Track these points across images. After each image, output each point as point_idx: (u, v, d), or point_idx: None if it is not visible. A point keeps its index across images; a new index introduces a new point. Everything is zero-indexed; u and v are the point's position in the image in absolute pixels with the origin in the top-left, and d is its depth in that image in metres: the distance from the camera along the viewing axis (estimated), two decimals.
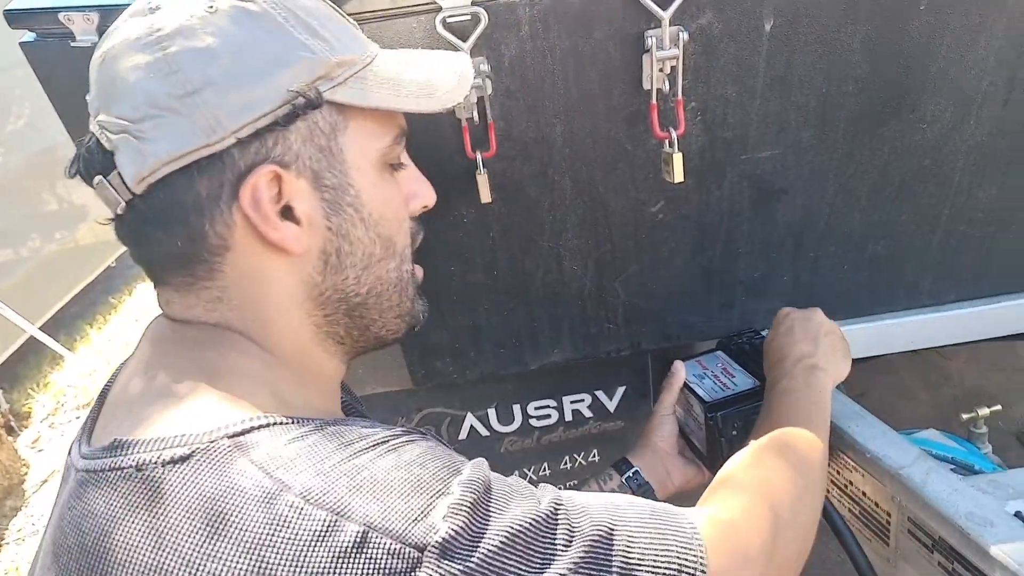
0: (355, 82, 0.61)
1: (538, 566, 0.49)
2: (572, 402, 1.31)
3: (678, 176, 0.93)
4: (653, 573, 0.53)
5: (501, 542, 0.48)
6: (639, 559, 0.53)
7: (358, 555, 0.45)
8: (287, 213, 0.59)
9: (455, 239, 1.04)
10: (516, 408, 1.31)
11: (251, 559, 0.45)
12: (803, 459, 0.76)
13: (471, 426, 1.31)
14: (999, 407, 1.10)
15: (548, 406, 1.31)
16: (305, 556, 0.45)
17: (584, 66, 0.91)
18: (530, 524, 0.50)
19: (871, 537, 0.95)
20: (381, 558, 0.45)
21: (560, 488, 0.57)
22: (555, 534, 0.51)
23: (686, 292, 1.13)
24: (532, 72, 0.90)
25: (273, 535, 0.45)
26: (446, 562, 0.46)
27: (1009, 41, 0.95)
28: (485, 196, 0.95)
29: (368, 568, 0.45)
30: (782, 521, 0.67)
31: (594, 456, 1.37)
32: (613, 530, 0.54)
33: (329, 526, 0.46)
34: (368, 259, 0.64)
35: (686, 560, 0.55)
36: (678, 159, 0.92)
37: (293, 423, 0.52)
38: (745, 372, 1.08)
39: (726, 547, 0.59)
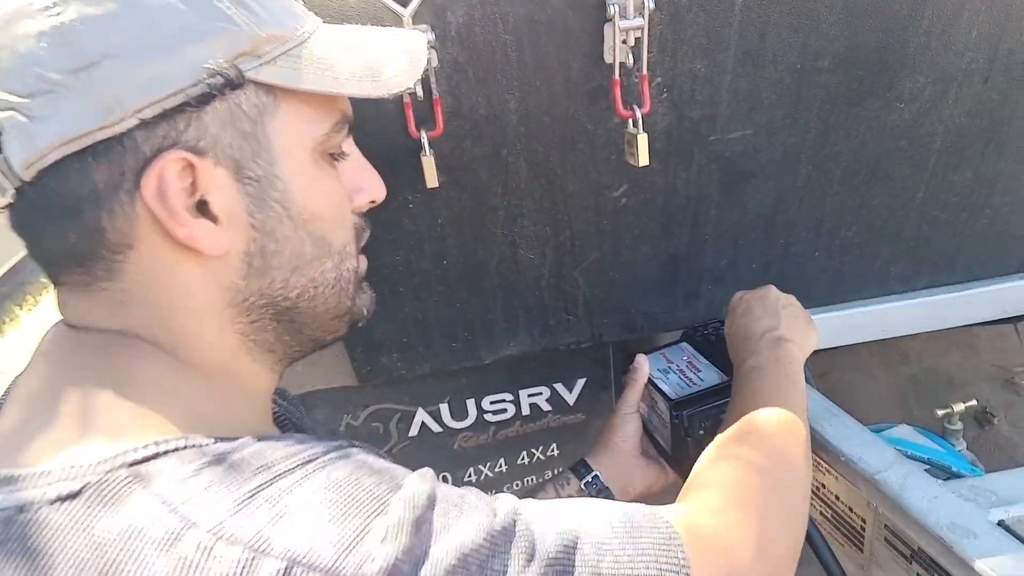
0: (286, 60, 0.52)
1: None
2: (529, 395, 1.24)
3: (643, 159, 0.85)
4: None
5: (451, 564, 0.42)
6: (612, 569, 0.48)
7: None
8: (203, 208, 0.50)
9: (400, 225, 0.95)
10: (470, 403, 1.23)
11: None
12: (781, 443, 0.70)
13: (422, 422, 1.23)
14: (974, 402, 1.06)
15: (504, 400, 1.24)
16: None
17: (540, 36, 0.82)
18: (484, 540, 0.44)
19: (843, 542, 0.90)
20: None
21: (518, 486, 0.51)
22: (513, 549, 0.45)
23: (650, 281, 1.06)
24: (482, 42, 0.81)
25: None
26: None
27: (992, 16, 0.89)
28: (431, 180, 0.86)
29: None
30: (768, 516, 0.61)
31: (553, 450, 1.31)
32: (579, 538, 0.48)
33: (244, 566, 0.38)
34: (298, 260, 0.56)
35: (666, 565, 0.50)
36: (643, 140, 0.85)
37: (207, 445, 0.45)
38: (712, 366, 1.02)
39: (709, 553, 0.54)
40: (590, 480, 0.96)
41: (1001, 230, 1.11)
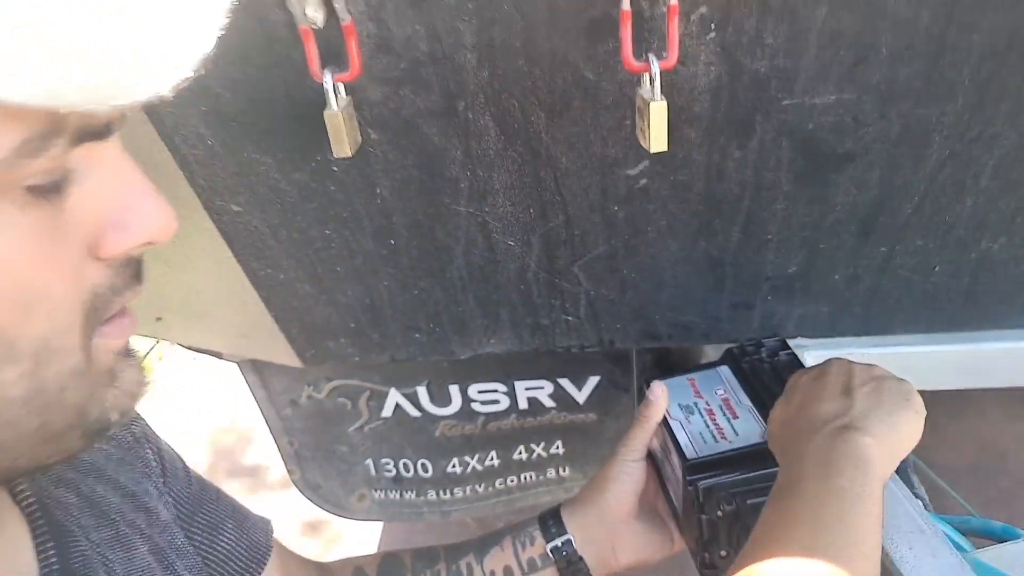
0: None
1: None
2: (527, 388, 0.99)
3: (658, 142, 0.54)
4: None
5: None
6: None
7: None
8: None
9: (324, 193, 0.68)
10: (453, 389, 1.00)
11: None
12: None
13: (396, 404, 1.02)
14: None
15: (495, 391, 1.00)
16: None
17: None
18: None
19: None
20: None
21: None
22: None
23: (681, 285, 0.76)
24: None
25: None
26: None
27: None
28: (340, 147, 0.58)
29: None
30: None
31: (557, 448, 1.07)
32: None
33: None
34: None
35: None
36: (659, 112, 0.53)
37: None
38: (754, 412, 0.74)
39: None
40: (559, 546, 0.73)
41: None
